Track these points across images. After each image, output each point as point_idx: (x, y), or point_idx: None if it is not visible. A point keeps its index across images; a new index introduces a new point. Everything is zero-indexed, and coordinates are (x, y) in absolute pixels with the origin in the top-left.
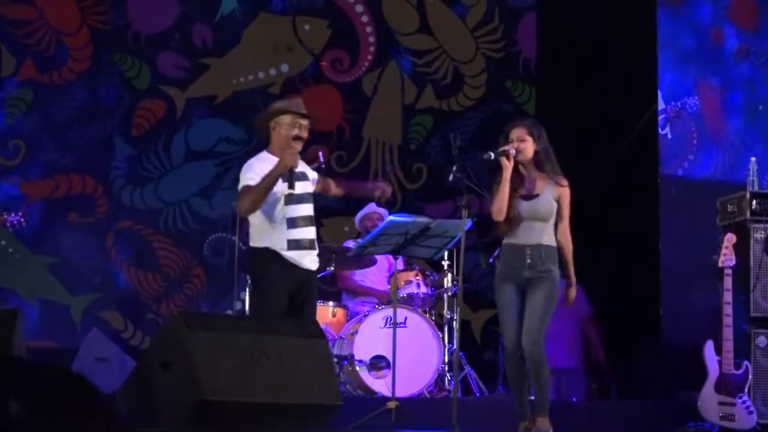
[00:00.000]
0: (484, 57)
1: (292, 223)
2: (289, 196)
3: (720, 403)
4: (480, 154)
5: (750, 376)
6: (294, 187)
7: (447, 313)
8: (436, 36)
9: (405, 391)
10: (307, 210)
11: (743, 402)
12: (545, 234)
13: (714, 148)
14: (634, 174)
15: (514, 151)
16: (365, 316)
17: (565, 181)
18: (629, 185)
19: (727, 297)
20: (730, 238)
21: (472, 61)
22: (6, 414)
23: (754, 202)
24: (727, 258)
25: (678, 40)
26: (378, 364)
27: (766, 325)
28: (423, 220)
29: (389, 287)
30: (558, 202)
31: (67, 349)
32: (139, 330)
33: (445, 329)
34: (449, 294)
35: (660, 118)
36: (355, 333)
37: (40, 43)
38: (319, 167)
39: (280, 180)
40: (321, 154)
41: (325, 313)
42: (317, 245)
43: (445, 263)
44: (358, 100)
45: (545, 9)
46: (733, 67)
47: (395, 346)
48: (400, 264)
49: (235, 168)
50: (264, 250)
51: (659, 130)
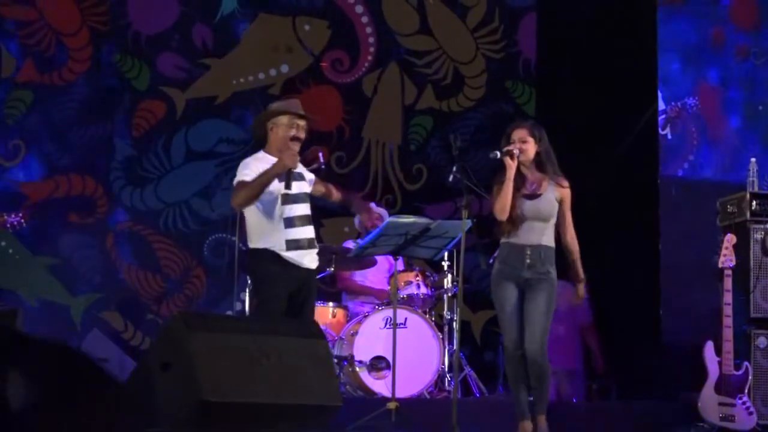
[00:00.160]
0: (484, 57)
1: (290, 222)
2: (285, 195)
3: (720, 404)
4: (488, 153)
5: (750, 377)
6: (291, 187)
7: (447, 314)
8: (436, 37)
9: (405, 391)
10: (304, 209)
11: (743, 403)
12: (545, 234)
13: (714, 149)
14: (634, 174)
15: (518, 151)
16: (365, 317)
17: (566, 182)
18: (629, 186)
19: (727, 298)
20: (730, 239)
21: (472, 61)
22: (6, 387)
23: (754, 202)
24: (727, 258)
25: (678, 41)
26: (378, 364)
27: (766, 326)
28: (423, 220)
29: (389, 288)
30: (560, 203)
31: None
32: (139, 330)
33: (445, 330)
34: (449, 295)
35: (660, 118)
36: (355, 334)
37: (40, 44)
38: (319, 168)
39: (276, 179)
40: (321, 155)
41: (325, 314)
42: (316, 244)
43: (445, 264)
44: (358, 101)
45: (545, 9)
46: (733, 68)
47: (395, 346)
48: (400, 265)
49: (235, 168)
50: (263, 251)
51: (659, 130)
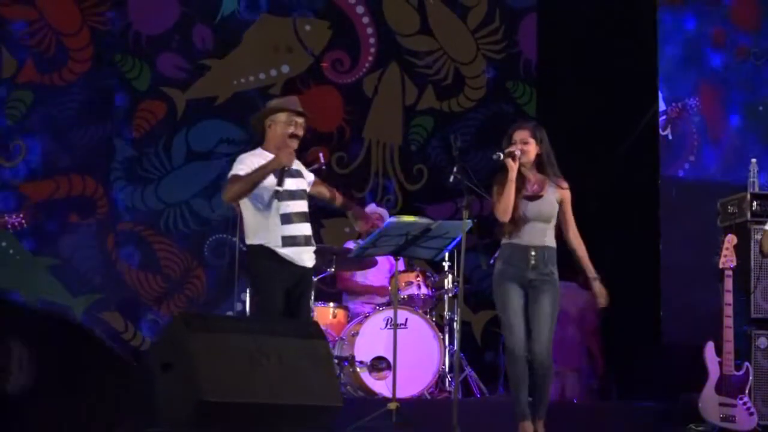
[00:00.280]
0: (485, 58)
1: (286, 218)
2: (280, 192)
3: (720, 404)
4: (490, 154)
5: (750, 378)
6: (282, 184)
7: (447, 314)
8: (436, 37)
9: (405, 392)
10: (300, 206)
11: (744, 403)
12: (548, 235)
13: (714, 150)
14: (635, 175)
15: (519, 152)
16: (366, 318)
17: (565, 184)
18: (630, 186)
19: (728, 298)
20: (731, 240)
21: (473, 62)
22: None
23: (755, 203)
24: (727, 259)
25: (678, 41)
26: (378, 365)
27: (766, 327)
28: (423, 221)
29: (390, 288)
30: (560, 205)
31: None
32: (140, 331)
33: (446, 330)
34: (450, 295)
35: (661, 119)
36: (355, 334)
37: (41, 44)
38: (320, 168)
39: (272, 175)
40: (321, 156)
41: (326, 315)
42: (313, 242)
43: (445, 264)
44: (359, 101)
45: (546, 10)
46: (733, 68)
47: (396, 347)
48: (401, 265)
49: None
50: (259, 248)
51: (660, 131)
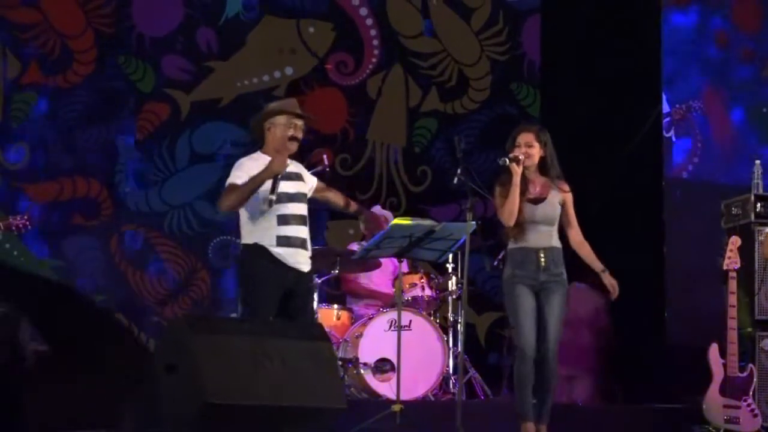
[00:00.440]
0: (489, 59)
1: (283, 220)
2: (273, 200)
3: (724, 406)
4: (494, 157)
5: (754, 379)
6: (275, 193)
7: (451, 316)
8: (440, 39)
9: (409, 394)
10: (298, 209)
11: (748, 405)
12: (553, 237)
13: (718, 151)
14: (639, 176)
15: (523, 156)
16: (370, 319)
17: (567, 186)
18: (634, 188)
19: (732, 300)
20: (735, 241)
21: (477, 63)
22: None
23: (759, 204)
24: (731, 261)
25: (682, 44)
26: (383, 367)
27: None
28: (427, 222)
29: (394, 290)
30: (563, 207)
31: None
32: (144, 333)
33: (450, 332)
34: (454, 297)
35: (665, 120)
36: (359, 336)
37: (45, 46)
38: (324, 170)
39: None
40: (325, 157)
41: (330, 316)
42: (309, 246)
43: (449, 266)
44: (363, 103)
45: (550, 11)
46: (737, 70)
47: (400, 349)
48: (405, 267)
49: None
50: (252, 246)
51: (664, 132)
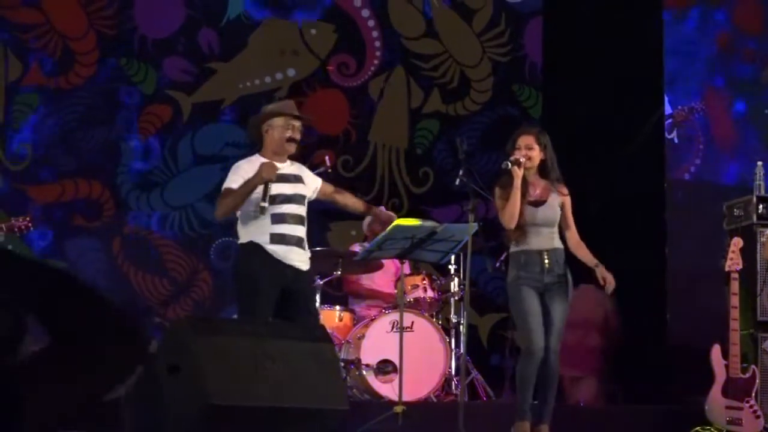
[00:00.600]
0: (491, 61)
1: (278, 218)
2: (272, 197)
3: (727, 407)
4: (496, 159)
5: (757, 380)
6: (266, 200)
7: (454, 318)
8: (442, 40)
9: (412, 395)
10: (295, 210)
11: (750, 406)
12: (555, 238)
13: (720, 153)
14: (641, 178)
15: (524, 159)
16: (372, 321)
17: (566, 190)
18: (636, 189)
19: (734, 301)
20: (737, 243)
21: (479, 65)
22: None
23: (761, 206)
24: (733, 262)
25: (684, 45)
26: (385, 368)
27: None
28: (429, 224)
29: (396, 291)
30: (562, 210)
31: None
32: (146, 334)
33: (452, 333)
34: (456, 298)
35: (666, 122)
36: (361, 337)
37: (47, 48)
38: (326, 172)
39: (271, 183)
40: (327, 159)
41: (332, 318)
42: (306, 246)
43: (451, 267)
44: (365, 105)
45: (551, 13)
46: (739, 71)
47: (402, 350)
48: (407, 268)
49: None
50: (247, 244)
51: (666, 134)
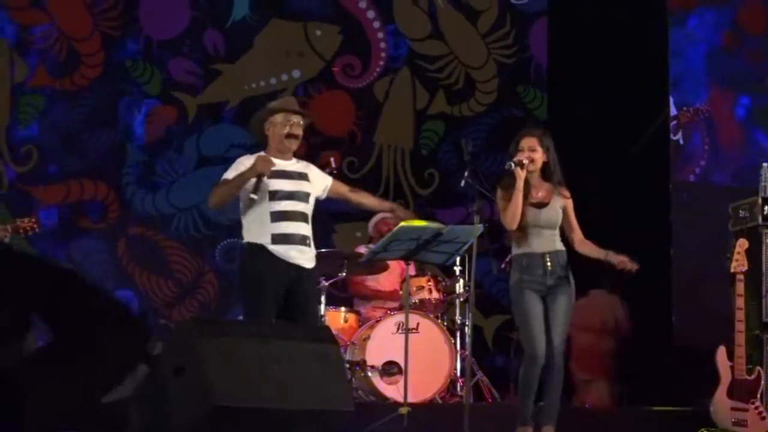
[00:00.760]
0: (496, 62)
1: (277, 216)
2: (273, 192)
3: (732, 409)
4: (501, 159)
5: (762, 382)
6: (257, 192)
7: (459, 319)
8: (447, 42)
9: (417, 396)
10: (296, 206)
11: (756, 407)
12: (556, 241)
13: (725, 154)
14: (646, 179)
15: (527, 161)
16: (377, 322)
17: (567, 192)
18: (641, 191)
19: (739, 302)
20: (742, 244)
21: (484, 66)
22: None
23: (766, 207)
24: (739, 263)
25: (689, 46)
26: (390, 369)
27: None
28: (435, 225)
29: (401, 293)
30: (565, 213)
31: None
32: (152, 335)
33: (457, 335)
34: (461, 299)
35: (672, 123)
36: (367, 339)
37: (52, 49)
38: (331, 173)
39: (265, 177)
40: (332, 160)
41: (337, 319)
42: (311, 244)
43: (456, 269)
44: (370, 106)
45: (557, 14)
46: (744, 72)
47: (407, 351)
48: (412, 269)
49: None
50: (250, 244)
51: (671, 135)
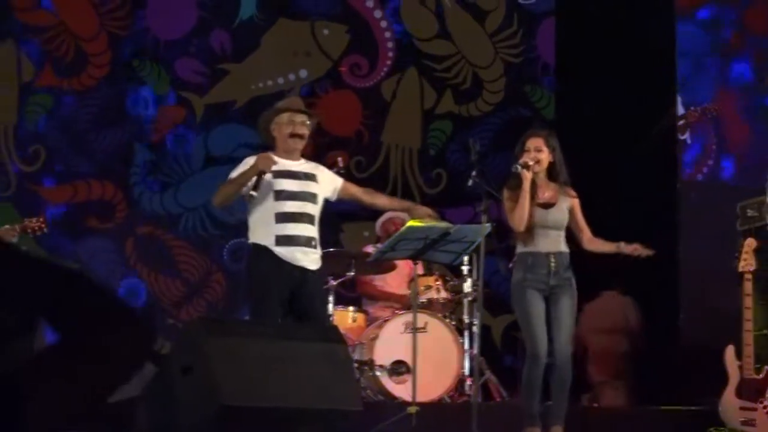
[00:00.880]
0: (503, 62)
1: (281, 217)
2: (278, 192)
3: (741, 408)
4: (507, 157)
5: None
6: (257, 189)
7: (467, 318)
8: (454, 41)
9: (425, 396)
10: (301, 207)
11: (764, 407)
12: (562, 242)
13: (733, 153)
14: (654, 179)
15: (532, 162)
16: (385, 322)
17: (573, 192)
18: (649, 190)
19: (747, 302)
20: (750, 243)
21: (491, 66)
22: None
23: None
24: (746, 263)
25: (697, 45)
26: (398, 369)
27: None
28: (442, 225)
29: (409, 292)
30: (571, 213)
31: None
32: (159, 335)
33: (466, 334)
34: (469, 299)
35: (679, 123)
36: (375, 338)
37: (59, 49)
38: (338, 173)
39: (270, 176)
40: (340, 160)
41: (345, 319)
42: (316, 245)
43: (464, 268)
44: (377, 106)
45: (564, 14)
46: (751, 72)
47: (415, 351)
48: (420, 269)
49: None
50: (255, 246)
51: (678, 135)
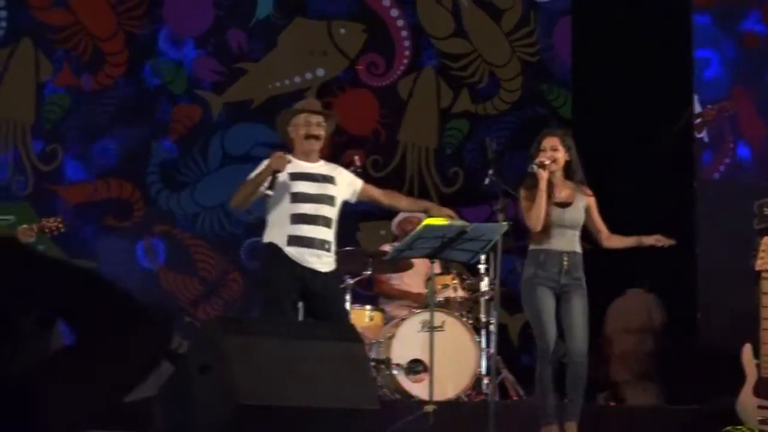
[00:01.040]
0: (520, 61)
1: (297, 219)
2: (294, 194)
3: (759, 407)
4: (523, 155)
5: None
6: (272, 188)
7: (484, 317)
8: (471, 40)
9: (442, 394)
10: (318, 210)
11: None
12: (576, 241)
13: (750, 152)
14: (671, 177)
15: (548, 161)
16: (402, 320)
17: (589, 191)
18: (666, 189)
19: (765, 300)
20: (767, 242)
21: (508, 64)
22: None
23: None
24: (764, 261)
25: (714, 44)
26: (415, 368)
27: None
28: (459, 223)
29: (426, 291)
30: (588, 212)
31: None
32: (176, 334)
33: (482, 333)
34: (486, 298)
35: (696, 121)
36: (392, 337)
37: (77, 48)
38: (355, 172)
39: (287, 178)
40: (357, 159)
41: (362, 317)
42: (329, 248)
43: (481, 267)
44: (394, 105)
45: (581, 12)
46: None
47: (432, 349)
48: (437, 268)
49: None
50: (268, 245)
51: (695, 133)
